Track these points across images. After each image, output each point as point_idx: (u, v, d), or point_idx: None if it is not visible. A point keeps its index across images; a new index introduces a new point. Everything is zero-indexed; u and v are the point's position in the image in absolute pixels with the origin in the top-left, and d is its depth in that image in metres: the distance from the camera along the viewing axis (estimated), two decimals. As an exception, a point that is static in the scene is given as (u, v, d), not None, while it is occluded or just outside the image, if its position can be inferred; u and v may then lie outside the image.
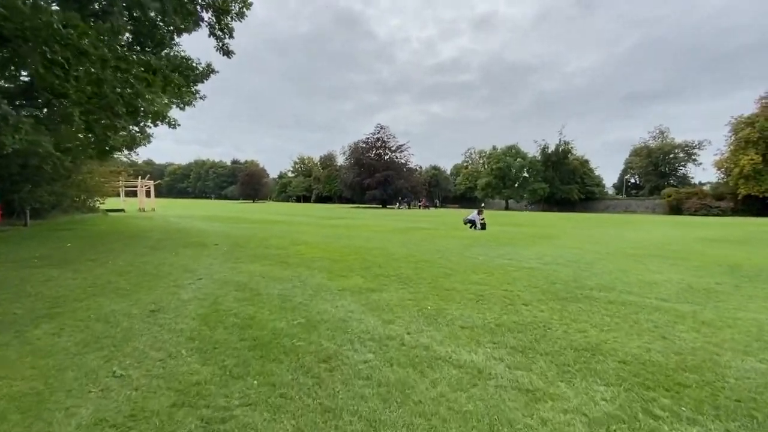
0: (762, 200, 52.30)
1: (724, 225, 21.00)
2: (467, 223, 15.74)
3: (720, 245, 10.73)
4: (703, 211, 54.67)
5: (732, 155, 54.96)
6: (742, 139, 53.89)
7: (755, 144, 52.67)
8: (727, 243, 11.35)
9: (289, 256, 8.17)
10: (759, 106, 54.49)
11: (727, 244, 10.95)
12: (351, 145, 66.29)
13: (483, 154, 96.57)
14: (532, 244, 10.29)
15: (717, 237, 12.90)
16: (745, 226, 19.76)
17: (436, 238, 11.83)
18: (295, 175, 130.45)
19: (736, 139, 55.27)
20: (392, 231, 14.47)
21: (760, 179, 51.91)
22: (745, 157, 52.69)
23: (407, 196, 59.08)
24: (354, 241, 10.73)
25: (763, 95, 55.01)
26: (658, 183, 73.89)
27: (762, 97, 54.82)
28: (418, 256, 8.20)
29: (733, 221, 27.47)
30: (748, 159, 52.31)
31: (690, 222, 25.25)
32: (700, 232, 15.36)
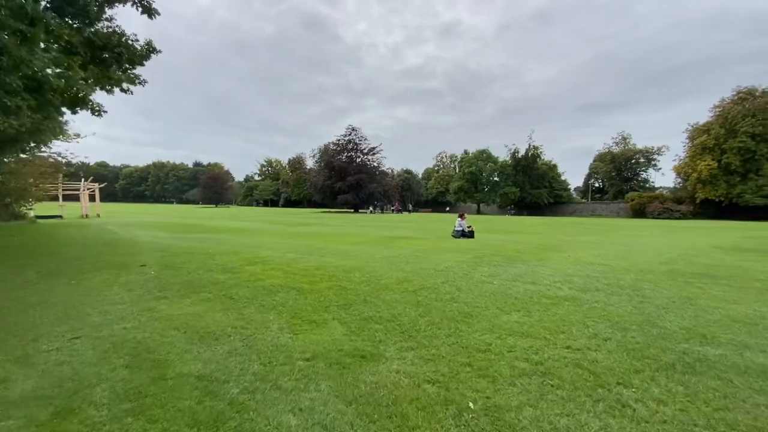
0: (718, 204, 54.69)
1: (709, 229, 20.59)
2: (457, 235, 13.95)
3: (745, 256, 9.50)
4: (665, 215, 56.47)
5: (690, 161, 57.25)
6: (699, 146, 56.29)
7: (711, 150, 55.13)
8: (748, 253, 10.17)
9: (239, 285, 5.92)
10: (713, 114, 57.26)
11: (752, 255, 9.76)
12: (321, 148, 63.76)
13: (454, 158, 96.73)
14: (543, 258, 8.57)
15: (727, 245, 11.82)
16: (729, 231, 19.33)
17: (428, 251, 9.89)
18: (262, 179, 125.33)
19: (693, 145, 57.75)
20: (372, 242, 12.42)
21: (716, 184, 54.28)
22: (702, 162, 54.98)
23: (380, 200, 57.19)
24: (327, 258, 8.58)
25: (716, 104, 57.85)
26: (622, 187, 76.40)
27: (716, 106, 57.61)
28: (416, 281, 6.19)
29: (711, 225, 27.60)
30: (705, 165, 54.60)
31: (674, 227, 24.90)
32: (701, 239, 14.39)
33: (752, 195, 50.20)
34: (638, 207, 62.13)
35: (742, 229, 21.71)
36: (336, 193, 55.72)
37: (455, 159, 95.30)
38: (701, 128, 57.48)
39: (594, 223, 30.62)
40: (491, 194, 69.86)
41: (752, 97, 53.85)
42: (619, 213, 66.97)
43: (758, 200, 49.52)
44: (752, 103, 52.94)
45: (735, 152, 52.78)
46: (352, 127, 57.89)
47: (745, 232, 18.98)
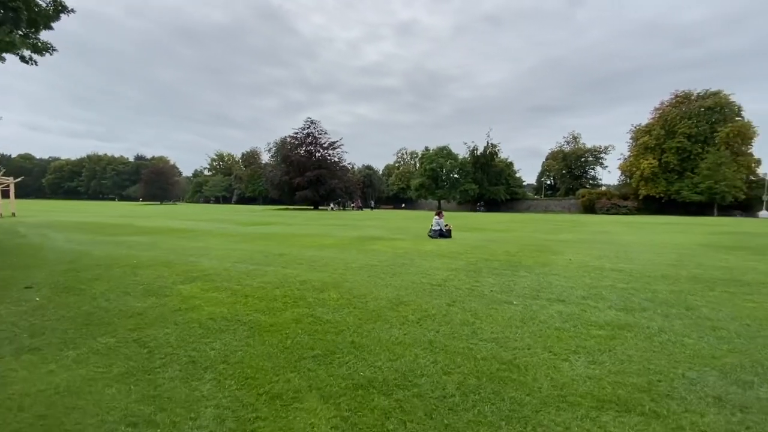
0: (659, 200, 58.55)
1: (667, 225, 21.07)
2: (434, 235, 12.64)
3: (741, 255, 9.01)
4: (613, 210, 59.59)
5: (634, 160, 60.81)
6: (642, 146, 59.96)
7: (653, 150, 58.87)
8: (740, 251, 9.76)
9: (162, 319, 4.07)
10: (654, 116, 61.26)
11: (746, 253, 9.31)
12: (277, 142, 60.40)
13: (415, 155, 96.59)
14: (545, 264, 7.41)
15: (710, 243, 11.51)
16: (688, 227, 19.79)
17: (410, 256, 8.43)
18: (212, 174, 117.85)
19: (637, 145, 61.47)
20: (343, 244, 10.75)
21: (657, 181, 58.04)
22: (645, 161, 58.57)
23: (341, 196, 55.14)
24: (291, 269, 6.83)
25: (657, 106, 61.93)
26: (572, 184, 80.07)
27: (656, 108, 61.67)
28: (413, 303, 4.67)
29: (662, 220, 28.71)
30: (647, 163, 58.19)
31: (631, 222, 25.41)
32: (675, 236, 14.20)
33: (689, 192, 54.13)
34: (588, 203, 65.13)
35: (694, 224, 22.53)
36: (294, 189, 52.87)
37: (416, 156, 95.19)
38: (644, 129, 61.24)
39: (558, 219, 30.92)
40: (452, 191, 70.21)
41: (688, 101, 58.11)
42: (570, 209, 69.91)
43: (694, 197, 53.46)
44: (688, 106, 57.10)
45: (673, 152, 56.69)
46: (311, 120, 55.23)
47: (703, 227, 19.52)
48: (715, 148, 53.50)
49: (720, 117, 54.78)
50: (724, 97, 55.62)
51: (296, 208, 53.97)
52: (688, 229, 17.74)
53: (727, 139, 53.09)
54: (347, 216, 32.19)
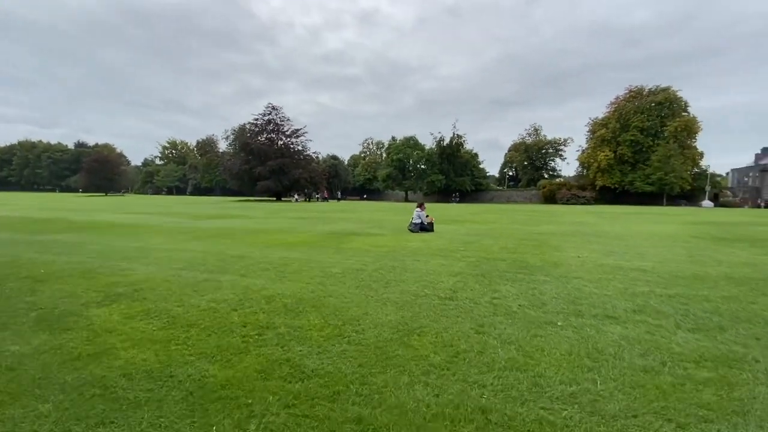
0: (614, 190, 61.25)
1: (637, 215, 21.29)
2: (415, 229, 11.44)
3: (741, 247, 8.57)
4: (572, 201, 61.61)
5: (592, 152, 63.10)
6: (599, 138, 62.31)
7: (609, 143, 61.28)
8: (738, 243, 9.38)
9: (38, 385, 2.51)
10: (610, 110, 63.74)
11: (744, 245, 8.91)
12: (236, 129, 56.72)
13: (381, 145, 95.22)
14: (556, 264, 6.41)
15: (698, 234, 11.20)
16: (656, 217, 20.05)
17: (397, 255, 7.16)
18: (164, 163, 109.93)
19: (594, 138, 63.83)
20: (314, 241, 9.28)
21: (612, 173, 60.62)
22: (602, 153, 60.93)
23: (306, 187, 52.78)
24: (253, 278, 5.34)
25: (612, 100, 64.47)
26: (534, 175, 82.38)
27: (612, 102, 64.16)
28: (428, 330, 3.39)
29: (626, 210, 29.42)
30: (603, 155, 60.54)
31: (599, 212, 25.64)
32: (655, 227, 13.95)
33: (641, 183, 56.98)
34: (549, 194, 67.05)
35: (658, 214, 23.04)
36: (255, 180, 49.83)
37: (382, 146, 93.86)
38: (600, 122, 63.55)
39: (528, 209, 30.88)
40: (418, 182, 69.74)
41: (641, 96, 60.86)
42: (531, 199, 71.75)
43: (646, 187, 56.35)
44: (641, 101, 59.80)
45: (627, 144, 59.28)
46: (272, 106, 52.05)
47: (670, 217, 19.85)
48: (664, 141, 56.51)
49: (669, 112, 57.86)
50: (672, 93, 58.74)
51: (257, 200, 51.04)
52: (659, 219, 17.84)
53: (675, 133, 56.23)
54: (314, 208, 30.39)
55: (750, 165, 74.57)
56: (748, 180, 72.93)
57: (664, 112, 58.04)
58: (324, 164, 70.81)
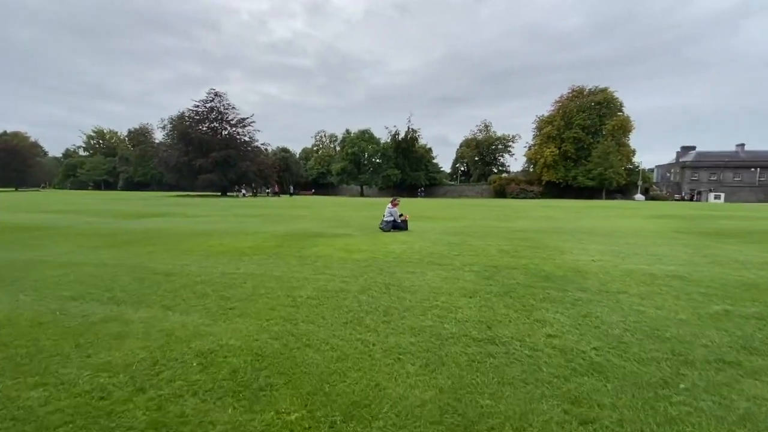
0: (558, 185, 64.37)
1: (594, 209, 21.62)
2: (387, 228, 9.97)
3: (738, 243, 8.15)
4: (522, 195, 63.88)
5: (539, 148, 65.73)
6: (545, 135, 65.07)
7: (554, 139, 64.20)
8: (730, 239, 9.03)
9: None
10: (555, 108, 66.75)
11: (735, 241, 8.54)
12: (174, 118, 51.38)
13: (334, 138, 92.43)
14: (574, 269, 5.28)
15: (677, 229, 10.91)
16: (619, 211, 20.40)
17: (384, 265, 5.65)
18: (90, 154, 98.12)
19: (540, 134, 66.55)
20: (270, 247, 7.46)
21: (557, 168, 63.60)
22: (548, 150, 63.70)
23: (255, 181, 49.13)
24: (180, 315, 3.56)
25: (557, 99, 67.58)
26: (484, 171, 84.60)
27: (556, 101, 67.23)
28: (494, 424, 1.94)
29: (577, 204, 30.31)
30: (549, 152, 63.30)
31: (559, 206, 25.85)
32: (633, 223, 13.71)
33: (583, 178, 60.32)
34: (499, 188, 69.08)
35: (611, 208, 23.70)
36: (196, 173, 45.38)
37: (335, 139, 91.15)
38: (546, 120, 66.31)
39: (490, 204, 30.71)
40: (374, 176, 68.41)
41: (582, 95, 64.32)
42: (482, 194, 73.55)
43: (588, 182, 59.76)
44: (582, 100, 63.19)
45: (571, 141, 62.43)
46: (215, 92, 47.59)
47: (627, 211, 20.31)
48: (603, 139, 60.27)
49: (607, 111, 61.65)
50: (609, 94, 62.67)
51: (199, 195, 46.63)
52: (620, 213, 18.03)
53: (613, 131, 60.15)
54: (265, 204, 27.80)
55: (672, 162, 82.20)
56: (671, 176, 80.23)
57: (603, 111, 61.65)
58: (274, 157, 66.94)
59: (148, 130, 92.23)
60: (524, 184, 67.56)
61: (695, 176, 71.90)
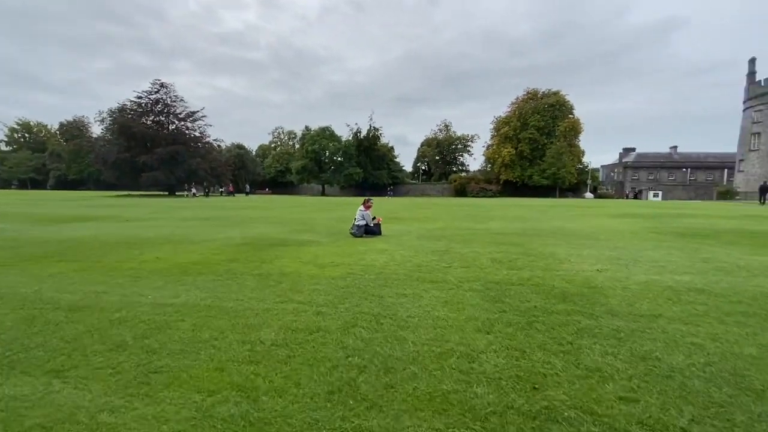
0: (515, 184, 66.42)
1: (557, 207, 21.86)
2: (359, 233, 8.93)
3: (709, 242, 8.00)
4: (481, 194, 65.27)
5: (497, 148, 67.47)
6: (503, 136, 66.89)
7: (511, 140, 66.17)
8: (708, 239, 8.93)
9: None
10: (512, 109, 68.79)
11: (713, 242, 8.42)
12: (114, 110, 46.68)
13: (293, 135, 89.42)
14: (586, 284, 4.57)
15: (656, 229, 10.82)
16: (582, 210, 20.72)
17: (368, 283, 4.62)
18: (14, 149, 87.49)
19: (498, 135, 68.33)
20: (221, 262, 6.15)
21: (514, 168, 65.63)
22: (505, 150, 65.56)
23: (207, 180, 45.81)
24: (76, 389, 2.33)
25: (513, 101, 69.70)
26: (445, 170, 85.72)
27: (513, 102, 69.32)
28: None
29: (539, 203, 30.88)
30: (507, 152, 65.19)
31: (529, 205, 26.01)
32: (603, 222, 13.64)
33: (539, 177, 62.66)
34: (459, 187, 70.18)
35: (573, 207, 24.22)
36: (139, 170, 41.46)
37: (294, 136, 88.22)
38: (504, 120, 68.18)
39: (453, 203, 30.48)
40: (336, 175, 66.73)
41: (536, 98, 66.79)
42: (443, 192, 74.40)
43: (543, 181, 62.14)
44: (537, 102, 65.61)
45: (526, 142, 64.61)
46: (160, 83, 43.73)
47: (589, 210, 20.70)
48: (556, 139, 62.93)
49: (559, 113, 64.41)
50: (561, 97, 65.56)
51: (143, 195, 42.68)
52: (585, 212, 18.22)
53: (565, 132, 62.97)
54: (218, 204, 25.62)
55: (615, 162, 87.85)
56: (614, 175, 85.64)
57: (556, 113, 64.30)
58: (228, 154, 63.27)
59: (84, 123, 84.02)
60: (483, 183, 69.12)
61: (636, 176, 77.36)
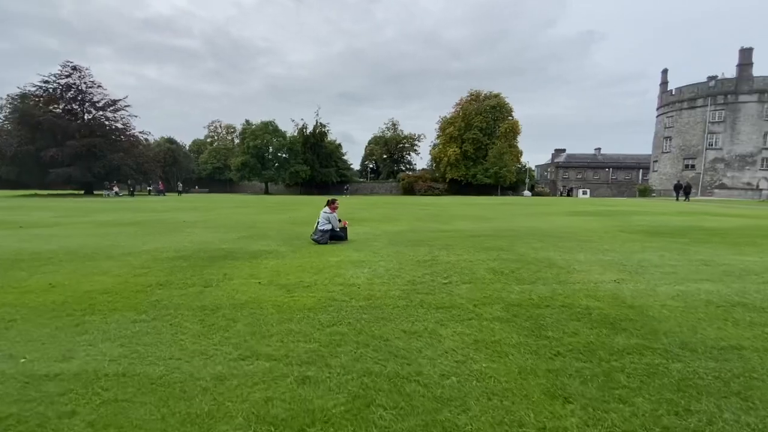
0: (460, 182, 68.19)
1: (511, 206, 22.12)
2: (324, 239, 7.65)
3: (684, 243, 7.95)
4: (429, 192, 66.14)
5: (443, 147, 68.79)
6: (448, 135, 68.35)
7: (456, 139, 67.81)
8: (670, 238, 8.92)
9: None
10: (456, 109, 70.53)
11: (686, 240, 8.39)
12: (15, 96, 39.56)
13: (232, 130, 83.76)
14: (640, 308, 3.84)
15: (625, 228, 10.81)
16: (541, 207, 21.07)
17: (360, 316, 3.44)
18: None
19: (444, 135, 69.71)
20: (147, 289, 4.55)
21: (459, 167, 67.31)
22: (451, 149, 67.02)
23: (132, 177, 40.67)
24: None
25: (457, 102, 71.51)
26: (392, 168, 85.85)
27: (457, 103, 71.13)
28: None
29: (499, 201, 31.39)
30: (452, 151, 66.68)
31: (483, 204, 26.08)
32: (566, 221, 13.60)
33: (482, 176, 64.84)
34: (408, 185, 70.58)
35: (522, 205, 24.79)
36: (46, 166, 35.60)
37: (233, 130, 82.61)
38: (449, 121, 69.69)
39: (407, 202, 29.85)
40: (280, 172, 63.39)
41: (479, 99, 69.11)
42: (392, 191, 74.44)
43: (486, 180, 64.42)
44: (479, 104, 67.89)
45: (470, 142, 66.56)
46: (72, 66, 37.77)
47: (540, 208, 21.16)
48: (498, 140, 65.59)
49: (500, 115, 67.19)
50: (502, 99, 68.50)
51: (54, 195, 36.78)
52: (536, 210, 18.47)
53: (505, 133, 65.85)
54: (145, 205, 22.43)
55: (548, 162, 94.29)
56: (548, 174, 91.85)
57: (497, 115, 66.97)
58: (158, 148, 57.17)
59: (-27, 110, 70.99)
60: (430, 182, 70.10)
61: (566, 175, 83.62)
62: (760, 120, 51.52)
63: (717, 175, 53.79)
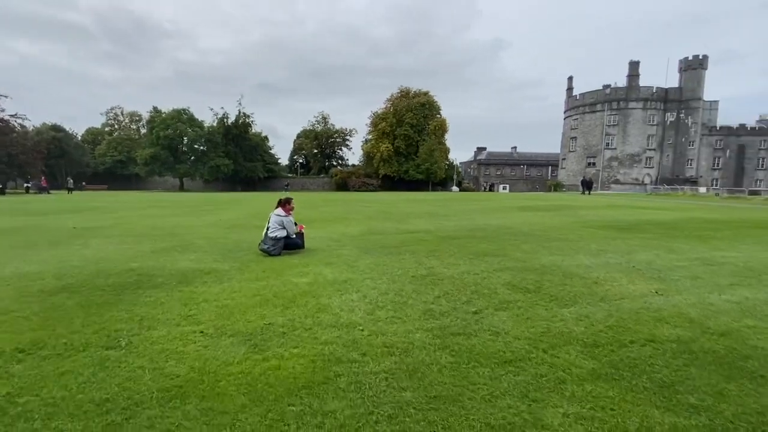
0: (393, 178, 68.45)
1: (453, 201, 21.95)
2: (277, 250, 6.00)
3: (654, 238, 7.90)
4: (363, 188, 65.12)
5: (375, 143, 68.35)
6: (380, 131, 68.08)
7: (388, 135, 67.81)
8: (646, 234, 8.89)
9: None
10: (388, 105, 70.47)
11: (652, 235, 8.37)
12: None
13: (137, 118, 73.54)
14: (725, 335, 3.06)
15: (586, 224, 10.72)
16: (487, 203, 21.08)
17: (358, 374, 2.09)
18: None
19: (376, 130, 69.28)
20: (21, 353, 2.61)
21: (391, 162, 67.46)
22: (383, 145, 66.85)
23: (4, 172, 32.79)
24: None
25: (388, 97, 71.52)
26: (324, 163, 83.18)
27: (388, 99, 71.16)
28: None
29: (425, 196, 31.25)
30: (385, 147, 66.56)
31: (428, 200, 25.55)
32: (523, 216, 13.39)
33: (414, 172, 65.77)
34: (341, 181, 68.94)
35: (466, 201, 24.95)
36: None
37: (138, 119, 72.58)
38: (381, 116, 69.41)
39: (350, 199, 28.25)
40: (198, 166, 57.12)
41: (409, 96, 69.85)
42: (324, 187, 72.14)
43: (417, 175, 65.51)
44: (409, 101, 68.63)
45: (402, 138, 67.05)
46: None
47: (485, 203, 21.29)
48: (428, 137, 67.02)
49: (429, 112, 68.74)
50: (431, 97, 70.13)
51: None
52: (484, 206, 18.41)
53: (435, 130, 67.55)
54: (18, 206, 17.76)
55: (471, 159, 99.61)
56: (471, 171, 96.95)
57: (426, 112, 68.35)
58: (38, 137, 47.39)
59: None
60: (364, 178, 69.14)
61: (487, 171, 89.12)
62: (644, 125, 59.90)
63: (612, 171, 61.40)
